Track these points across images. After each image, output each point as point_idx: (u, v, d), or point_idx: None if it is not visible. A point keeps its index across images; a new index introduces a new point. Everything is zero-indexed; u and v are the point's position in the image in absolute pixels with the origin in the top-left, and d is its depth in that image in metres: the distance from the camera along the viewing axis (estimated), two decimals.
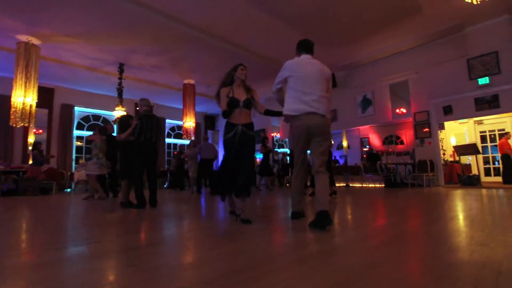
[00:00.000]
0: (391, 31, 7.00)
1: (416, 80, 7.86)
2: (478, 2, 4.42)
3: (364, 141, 12.35)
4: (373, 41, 7.49)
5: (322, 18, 6.27)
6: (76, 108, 10.23)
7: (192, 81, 9.83)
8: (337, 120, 9.65)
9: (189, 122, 9.77)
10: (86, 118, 10.62)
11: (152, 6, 5.69)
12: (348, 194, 5.96)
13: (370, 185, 8.62)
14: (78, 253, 1.64)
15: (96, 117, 10.81)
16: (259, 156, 10.38)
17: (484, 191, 5.68)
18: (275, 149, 12.50)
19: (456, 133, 9.93)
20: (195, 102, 9.94)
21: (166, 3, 5.64)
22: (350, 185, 9.07)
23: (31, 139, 9.56)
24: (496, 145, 8.41)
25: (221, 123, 14.73)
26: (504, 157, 7.10)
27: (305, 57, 2.55)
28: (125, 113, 8.11)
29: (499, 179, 7.86)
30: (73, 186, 8.98)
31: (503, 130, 8.36)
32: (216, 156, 7.39)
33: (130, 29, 6.48)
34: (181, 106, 9.93)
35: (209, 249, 1.68)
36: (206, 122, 14.60)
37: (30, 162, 8.94)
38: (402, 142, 11.27)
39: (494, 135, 8.79)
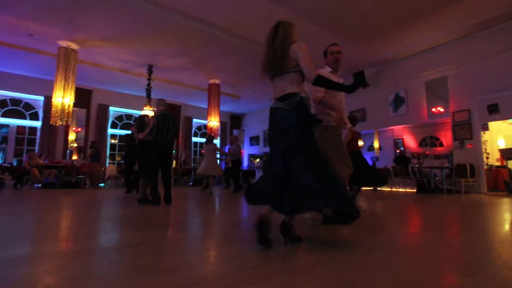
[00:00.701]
0: (428, 22, 6.40)
1: (457, 75, 7.12)
2: None
3: (398, 143, 11.58)
4: (406, 34, 6.93)
5: (348, 12, 5.93)
6: (111, 108, 10.93)
7: (217, 81, 9.98)
8: (366, 120, 9.16)
9: (214, 122, 9.93)
10: (119, 118, 11.31)
11: (176, 8, 5.83)
12: (373, 198, 5.58)
13: (400, 190, 8.03)
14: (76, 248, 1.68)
15: (129, 116, 11.46)
16: None
17: None
18: None
19: (506, 134, 8.84)
20: (219, 102, 10.07)
21: (189, 5, 5.74)
22: (378, 189, 8.52)
23: (71, 136, 10.44)
24: None
25: (248, 122, 14.77)
26: None
27: None
28: (152, 113, 8.48)
29: None
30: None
31: None
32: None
33: (157, 32, 6.72)
34: (207, 106, 10.14)
35: (195, 252, 1.62)
36: (232, 122, 14.76)
37: (74, 158, 9.85)
38: (441, 144, 10.35)
39: None
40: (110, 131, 11.04)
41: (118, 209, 3.71)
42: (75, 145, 10.52)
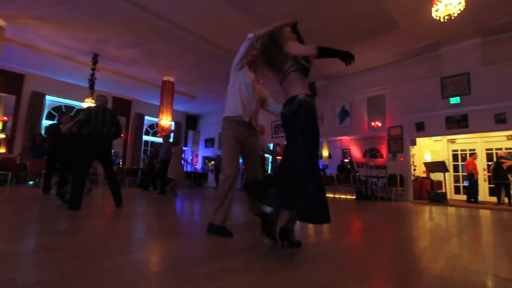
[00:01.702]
0: (370, 45, 7.04)
1: (392, 95, 7.93)
2: (445, 20, 4.46)
3: (346, 152, 12.47)
4: (353, 52, 7.50)
5: (303, 25, 6.20)
6: (48, 97, 9.78)
7: (171, 79, 9.61)
8: None
9: (166, 120, 9.52)
10: (58, 108, 10.17)
11: None
12: None
13: (342, 197, 8.58)
14: None
15: (70, 108, 10.38)
16: None
17: (448, 209, 5.71)
18: None
19: (431, 150, 10.08)
20: (173, 100, 9.71)
21: None
22: None
23: None
24: None
25: (204, 123, 14.50)
26: (469, 176, 7.23)
27: None
28: (94, 105, 7.80)
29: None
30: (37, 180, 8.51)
31: (474, 150, 8.53)
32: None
33: (104, 18, 6.23)
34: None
35: (90, 262, 1.49)
36: (188, 122, 14.34)
37: (2, 151, 8.50)
38: (381, 156, 11.41)
39: (465, 154, 8.97)
40: (45, 122, 9.85)
41: (33, 211, 3.28)
42: (3, 136, 9.15)
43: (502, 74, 6.16)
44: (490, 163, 7.84)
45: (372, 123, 8.34)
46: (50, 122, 9.98)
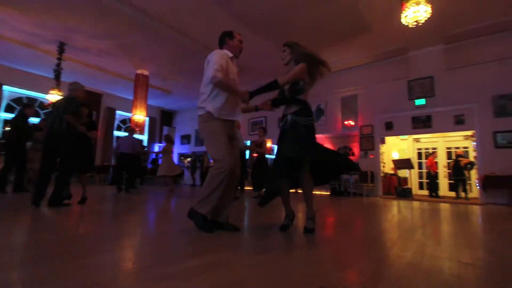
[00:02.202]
0: (346, 46, 7.30)
1: (365, 95, 8.30)
2: (414, 26, 4.76)
3: None
4: (329, 52, 7.72)
5: (283, 23, 6.25)
6: (5, 87, 8.98)
7: (146, 72, 9.27)
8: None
9: (139, 115, 9.17)
10: (18, 100, 9.37)
11: None
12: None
13: (317, 193, 8.85)
14: None
15: (32, 100, 9.61)
16: None
17: (413, 203, 6.12)
18: None
19: (399, 148, 10.70)
20: (147, 94, 9.37)
21: None
22: (300, 191, 9.22)
23: None
24: None
25: (180, 119, 14.16)
26: (428, 173, 7.83)
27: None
28: (61, 97, 7.29)
29: None
30: None
31: (436, 149, 9.20)
32: (135, 151, 6.44)
33: (72, 5, 5.83)
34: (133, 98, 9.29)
35: (67, 260, 1.41)
36: (163, 118, 13.91)
37: None
38: (353, 154, 11.90)
39: (428, 152, 9.65)
40: (3, 115, 9.04)
41: None
42: None
43: (463, 79, 6.72)
44: (449, 160, 8.52)
45: (346, 122, 8.68)
46: (8, 115, 9.19)
